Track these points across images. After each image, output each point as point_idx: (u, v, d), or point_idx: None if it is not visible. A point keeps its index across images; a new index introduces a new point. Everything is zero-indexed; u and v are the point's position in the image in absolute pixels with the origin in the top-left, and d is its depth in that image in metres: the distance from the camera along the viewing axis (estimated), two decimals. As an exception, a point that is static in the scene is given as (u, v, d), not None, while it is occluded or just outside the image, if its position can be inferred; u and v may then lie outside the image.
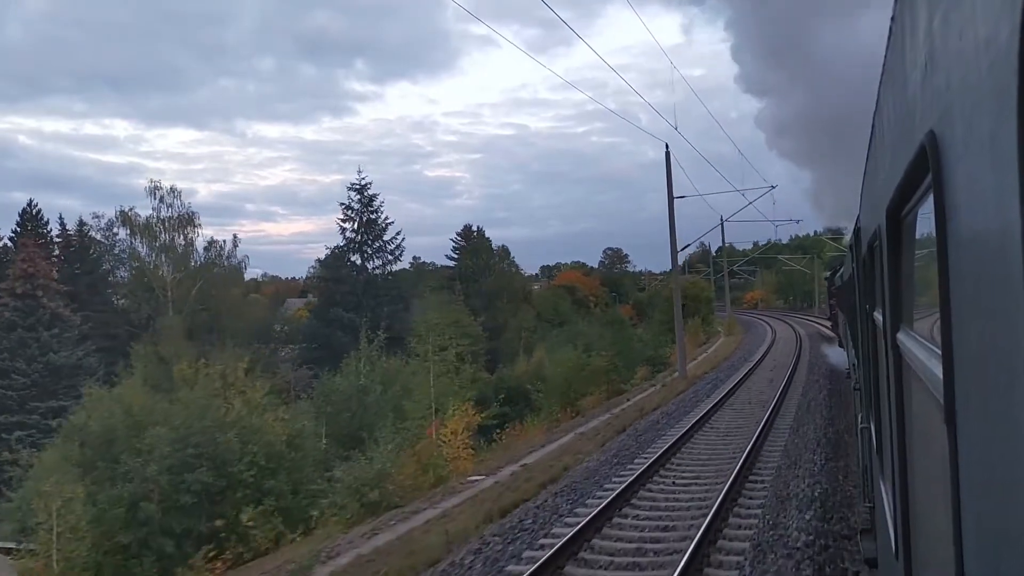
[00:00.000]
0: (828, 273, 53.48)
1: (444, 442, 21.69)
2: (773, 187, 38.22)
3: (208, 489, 26.61)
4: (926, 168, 1.43)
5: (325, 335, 56.84)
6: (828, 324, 53.50)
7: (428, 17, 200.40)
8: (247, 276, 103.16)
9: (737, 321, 73.01)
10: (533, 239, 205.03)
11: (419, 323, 30.20)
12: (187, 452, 26.31)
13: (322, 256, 65.71)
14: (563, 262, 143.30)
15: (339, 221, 60.02)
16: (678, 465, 15.35)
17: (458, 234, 74.66)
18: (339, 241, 62.83)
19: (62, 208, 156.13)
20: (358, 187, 60.31)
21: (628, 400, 30.24)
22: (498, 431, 26.57)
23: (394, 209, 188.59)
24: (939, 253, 1.31)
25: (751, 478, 13.87)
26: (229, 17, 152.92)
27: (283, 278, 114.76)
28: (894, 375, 2.62)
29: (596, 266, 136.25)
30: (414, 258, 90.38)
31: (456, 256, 74.07)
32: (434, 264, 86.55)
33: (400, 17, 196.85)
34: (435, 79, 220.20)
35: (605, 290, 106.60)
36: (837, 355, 34.84)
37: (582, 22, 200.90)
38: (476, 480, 18.66)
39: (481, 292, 70.70)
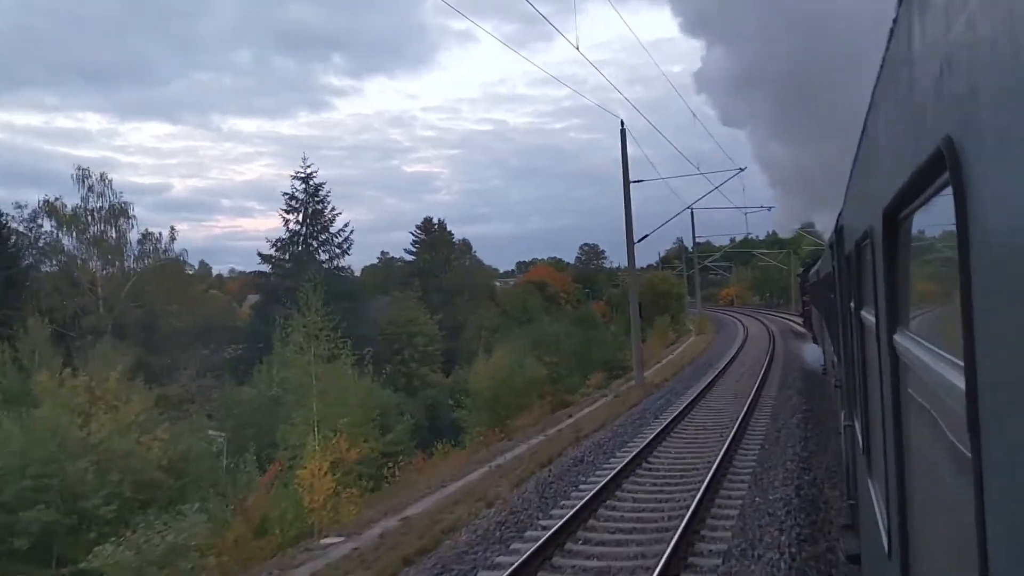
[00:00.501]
0: (801, 270, 49.22)
1: (303, 487, 16.56)
2: (742, 169, 33.44)
3: (52, 529, 21.52)
4: (936, 173, 1.43)
5: (267, 334, 51.49)
6: (800, 321, 49.45)
7: (406, 11, 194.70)
8: (214, 271, 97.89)
9: (710, 319, 68.15)
10: (513, 235, 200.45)
11: (295, 327, 24.95)
12: (23, 485, 21.20)
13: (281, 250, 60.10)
14: (540, 258, 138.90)
15: (282, 212, 54.63)
16: (582, 545, 10.31)
17: (418, 227, 69.24)
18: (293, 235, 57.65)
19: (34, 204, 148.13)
20: (303, 176, 54.88)
21: (570, 416, 25.28)
22: (391, 464, 21.40)
23: (372, 204, 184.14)
24: (961, 259, 1.25)
25: (683, 576, 8.88)
26: (205, 9, 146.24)
27: (249, 273, 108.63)
28: (890, 376, 2.56)
29: (573, 262, 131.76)
30: (382, 252, 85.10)
31: (415, 250, 68.72)
32: (403, 259, 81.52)
33: (378, 10, 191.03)
34: (413, 74, 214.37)
35: (578, 286, 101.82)
36: (811, 353, 31.26)
37: (561, 18, 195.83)
38: (331, 544, 13.61)
39: (441, 288, 65.47)
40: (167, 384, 35.94)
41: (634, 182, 30.38)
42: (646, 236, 32.05)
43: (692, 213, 55.31)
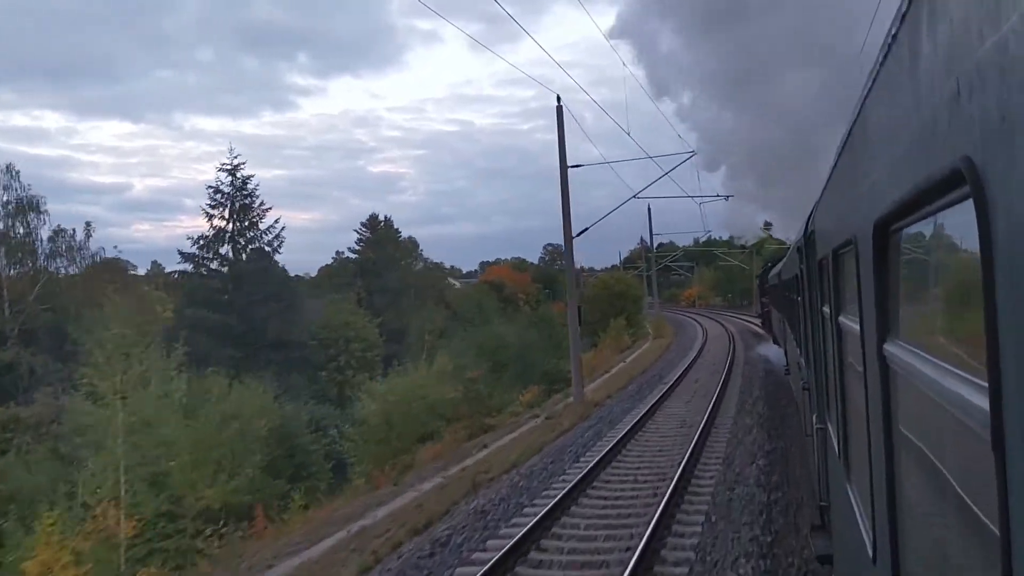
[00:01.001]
0: (760, 272, 45.42)
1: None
2: (693, 152, 28.92)
3: None
4: (946, 189, 1.44)
5: (186, 340, 45.90)
6: (759, 322, 45.66)
7: (373, 10, 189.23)
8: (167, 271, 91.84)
9: (669, 322, 63.64)
10: (479, 235, 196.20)
11: (93, 346, 19.71)
12: None
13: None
14: (504, 258, 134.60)
15: (206, 207, 49.06)
16: None
17: (363, 224, 63.83)
18: (232, 233, 52.08)
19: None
20: (229, 168, 49.34)
21: (485, 447, 20.37)
22: (211, 532, 16.27)
23: (338, 205, 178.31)
24: (985, 275, 1.24)
25: None
26: (169, 5, 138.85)
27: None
28: (879, 385, 2.49)
29: (537, 262, 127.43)
30: (337, 253, 79.65)
31: (359, 249, 63.32)
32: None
33: (344, 10, 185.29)
34: (379, 74, 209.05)
35: (538, 287, 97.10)
36: (772, 354, 29.29)
37: (528, 18, 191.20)
38: None
39: (386, 289, 60.22)
40: (24, 404, 30.48)
41: (572, 167, 25.75)
42: (586, 229, 27.78)
43: (649, 208, 50.81)
